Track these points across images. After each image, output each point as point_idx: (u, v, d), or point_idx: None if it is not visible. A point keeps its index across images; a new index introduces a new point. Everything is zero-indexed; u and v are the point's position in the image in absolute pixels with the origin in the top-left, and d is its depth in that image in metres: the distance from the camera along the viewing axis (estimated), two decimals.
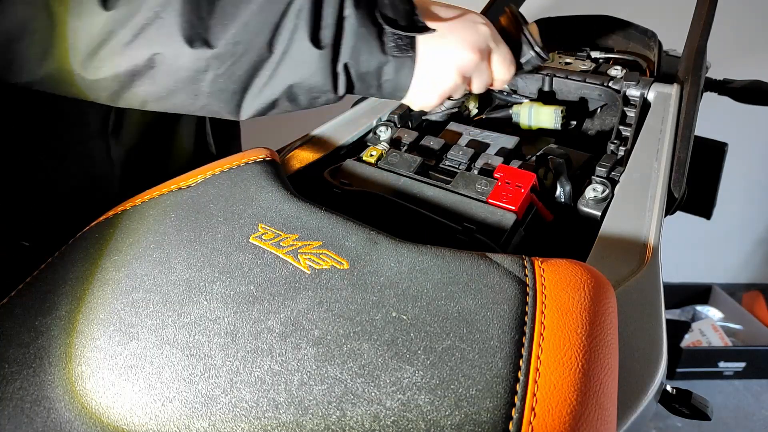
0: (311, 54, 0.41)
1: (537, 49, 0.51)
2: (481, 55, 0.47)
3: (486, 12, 0.78)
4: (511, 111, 0.64)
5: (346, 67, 0.43)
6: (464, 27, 0.46)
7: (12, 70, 0.39)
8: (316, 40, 0.41)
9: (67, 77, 0.39)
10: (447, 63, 0.45)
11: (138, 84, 0.40)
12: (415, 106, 0.48)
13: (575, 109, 0.66)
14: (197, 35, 0.38)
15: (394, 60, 0.44)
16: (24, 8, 0.37)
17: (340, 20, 0.42)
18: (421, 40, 0.44)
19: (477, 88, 0.50)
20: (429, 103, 0.47)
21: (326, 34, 0.42)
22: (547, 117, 0.61)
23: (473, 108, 0.69)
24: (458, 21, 0.47)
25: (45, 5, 0.37)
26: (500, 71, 0.50)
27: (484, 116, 0.68)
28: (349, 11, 0.42)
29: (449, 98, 0.50)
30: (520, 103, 0.69)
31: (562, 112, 0.60)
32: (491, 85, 0.51)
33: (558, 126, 0.60)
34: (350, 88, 0.45)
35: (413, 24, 0.44)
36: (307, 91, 0.44)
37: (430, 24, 0.44)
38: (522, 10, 0.83)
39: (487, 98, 0.72)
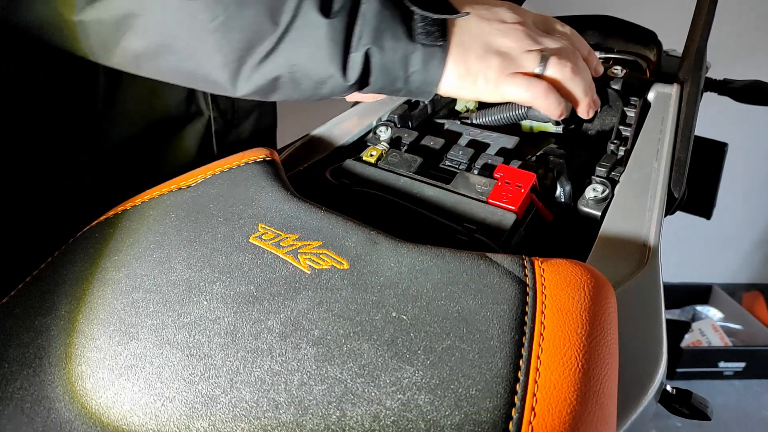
0: (319, 25, 0.37)
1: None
2: (528, 35, 0.43)
3: None
4: None
5: (367, 54, 0.39)
6: (502, 8, 0.43)
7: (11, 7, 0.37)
8: (326, 10, 0.37)
9: (62, 22, 0.38)
10: (483, 46, 0.42)
11: (128, 34, 0.37)
12: (461, 97, 0.44)
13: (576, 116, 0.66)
14: None
15: (423, 49, 0.39)
16: None
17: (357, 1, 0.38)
18: (455, 25, 0.41)
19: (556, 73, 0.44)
20: (472, 94, 0.43)
21: (338, 5, 0.38)
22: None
23: (473, 108, 0.69)
24: (492, 20, 0.43)
25: None
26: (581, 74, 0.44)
27: (480, 118, 0.68)
28: None
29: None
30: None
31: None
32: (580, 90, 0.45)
33: (559, 130, 0.60)
34: (365, 80, 0.41)
35: (444, 6, 0.40)
36: (310, 73, 0.40)
37: (462, 8, 0.41)
38: None
39: None
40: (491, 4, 0.44)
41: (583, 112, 0.47)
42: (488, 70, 0.42)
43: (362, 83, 0.41)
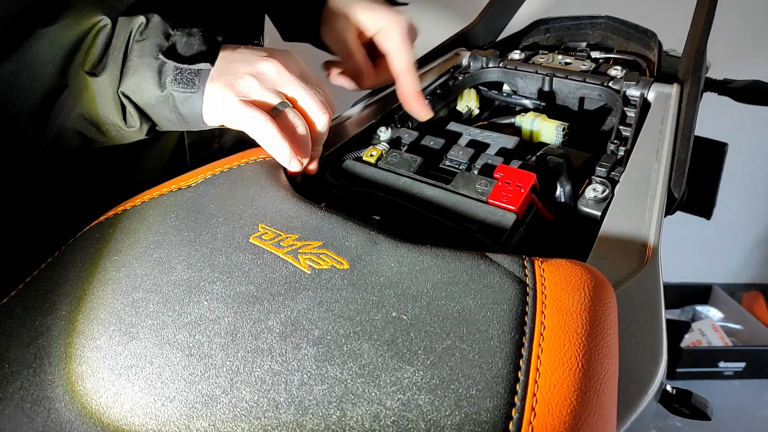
0: (92, 82, 0.44)
1: None
2: (257, 78, 0.45)
3: (485, 13, 0.79)
4: (514, 120, 0.63)
5: (127, 97, 0.45)
6: (243, 60, 0.46)
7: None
8: (94, 70, 0.44)
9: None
10: (229, 94, 0.45)
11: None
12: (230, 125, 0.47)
13: (576, 117, 0.66)
14: None
15: (179, 92, 0.44)
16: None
17: (127, 50, 0.44)
18: (211, 73, 0.44)
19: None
20: (229, 125, 0.46)
21: (105, 63, 0.44)
22: (548, 132, 0.61)
23: (474, 108, 0.70)
24: (244, 55, 0.46)
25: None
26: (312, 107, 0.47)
27: (486, 122, 0.68)
28: (133, 43, 0.44)
29: None
30: (521, 103, 0.69)
31: (564, 129, 0.59)
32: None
33: (558, 142, 0.60)
34: (147, 120, 0.47)
35: (195, 59, 0.44)
36: (100, 123, 0.46)
37: (220, 61, 0.45)
38: (522, 9, 0.83)
39: (487, 99, 0.72)
40: (264, 48, 0.47)
41: (287, 166, 0.48)
42: (228, 98, 0.45)
43: (151, 126, 0.48)
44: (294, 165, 0.46)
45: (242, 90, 0.45)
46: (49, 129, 0.45)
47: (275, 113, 0.45)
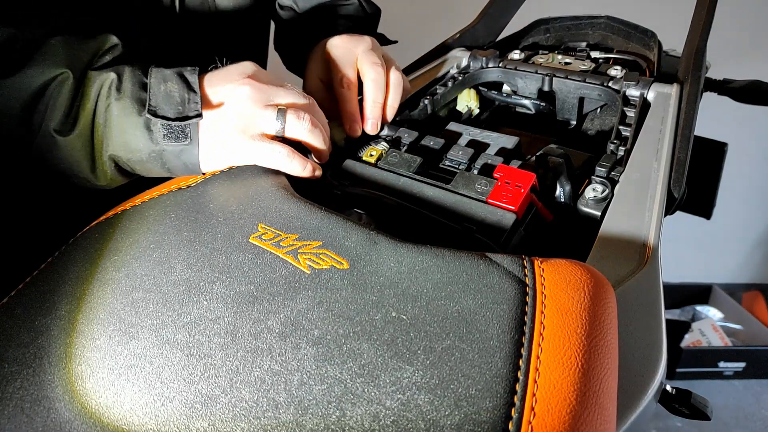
0: (61, 141, 0.43)
1: None
2: (260, 105, 0.46)
3: (485, 13, 0.78)
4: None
5: (113, 158, 0.45)
6: (229, 95, 0.45)
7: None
8: (62, 129, 0.43)
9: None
10: (223, 119, 0.45)
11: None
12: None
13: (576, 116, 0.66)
14: None
15: (173, 147, 0.44)
16: None
17: (96, 109, 0.43)
18: (201, 123, 0.44)
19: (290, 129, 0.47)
20: (233, 161, 0.46)
21: (75, 122, 0.43)
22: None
23: (474, 108, 0.70)
24: (225, 91, 0.46)
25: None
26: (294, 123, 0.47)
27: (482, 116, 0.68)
28: (110, 102, 0.43)
29: None
30: (521, 103, 0.69)
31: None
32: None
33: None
34: (129, 175, 0.47)
35: (184, 112, 0.44)
36: (76, 178, 0.45)
37: (205, 103, 0.45)
38: (522, 9, 0.83)
39: (487, 99, 0.72)
40: (230, 73, 0.47)
41: (320, 158, 0.50)
42: (232, 137, 0.45)
43: (129, 177, 0.48)
44: (316, 171, 0.48)
45: (240, 126, 0.45)
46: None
47: (280, 121, 0.46)
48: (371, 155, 0.52)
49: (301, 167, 0.47)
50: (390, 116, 0.57)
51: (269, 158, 0.46)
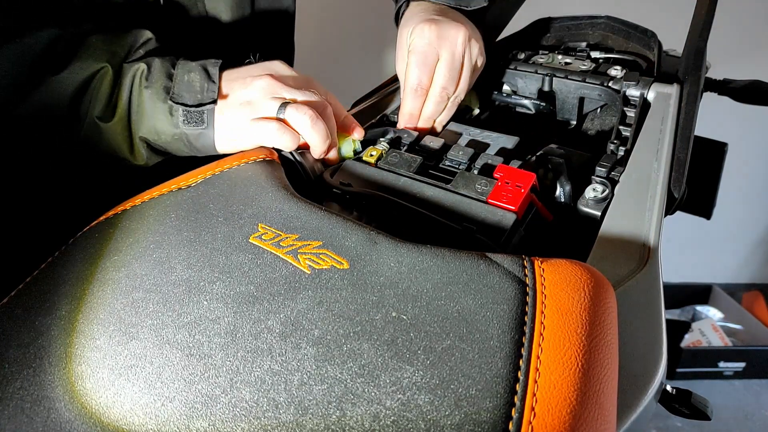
0: (104, 127, 0.48)
1: None
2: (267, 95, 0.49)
3: (485, 12, 0.78)
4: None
5: (144, 139, 0.50)
6: (244, 86, 0.49)
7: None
8: (103, 116, 0.48)
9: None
10: (235, 105, 0.49)
11: None
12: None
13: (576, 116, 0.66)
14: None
15: (191, 130, 0.49)
16: None
17: (131, 96, 0.48)
18: (216, 108, 0.49)
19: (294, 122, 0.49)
20: (241, 145, 0.50)
21: (114, 110, 0.48)
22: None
23: (474, 108, 0.70)
24: (242, 82, 0.49)
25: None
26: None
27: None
28: (141, 90, 0.48)
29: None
30: (521, 103, 0.69)
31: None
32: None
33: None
34: (162, 154, 0.52)
35: (201, 100, 0.49)
36: (118, 159, 0.51)
37: (222, 93, 0.49)
38: (522, 9, 0.83)
39: (487, 99, 0.72)
40: (254, 68, 0.51)
41: (315, 154, 0.51)
42: (239, 122, 0.49)
43: (162, 155, 0.52)
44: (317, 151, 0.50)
45: (247, 112, 0.49)
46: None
47: (280, 112, 0.48)
48: (371, 155, 0.52)
49: (291, 142, 0.48)
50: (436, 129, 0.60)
51: (261, 135, 0.48)
